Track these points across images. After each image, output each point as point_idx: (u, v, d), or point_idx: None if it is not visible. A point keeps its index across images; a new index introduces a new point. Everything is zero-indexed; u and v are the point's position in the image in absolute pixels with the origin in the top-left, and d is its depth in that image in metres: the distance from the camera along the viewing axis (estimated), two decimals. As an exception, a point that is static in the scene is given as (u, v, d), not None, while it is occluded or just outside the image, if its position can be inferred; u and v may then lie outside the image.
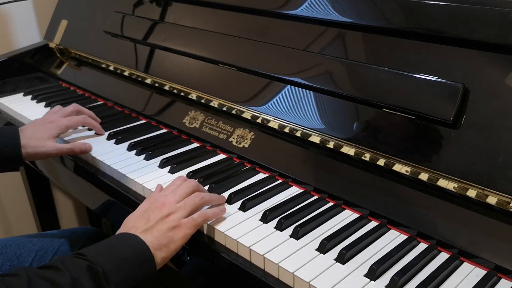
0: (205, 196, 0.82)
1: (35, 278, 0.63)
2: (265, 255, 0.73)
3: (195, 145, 1.08)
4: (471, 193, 0.72)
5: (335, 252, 0.73)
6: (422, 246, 0.75)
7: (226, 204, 0.86)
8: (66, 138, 1.13)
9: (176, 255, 0.90)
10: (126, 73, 1.31)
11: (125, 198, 0.96)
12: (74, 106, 1.13)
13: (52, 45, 1.53)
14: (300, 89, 0.95)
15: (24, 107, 1.33)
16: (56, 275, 0.64)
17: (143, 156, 1.03)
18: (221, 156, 1.03)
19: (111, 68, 1.36)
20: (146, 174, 0.96)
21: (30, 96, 1.40)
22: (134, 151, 1.06)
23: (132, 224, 0.76)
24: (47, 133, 1.03)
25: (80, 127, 1.16)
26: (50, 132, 1.03)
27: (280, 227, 0.79)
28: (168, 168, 0.98)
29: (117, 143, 1.10)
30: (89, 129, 1.16)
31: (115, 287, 0.66)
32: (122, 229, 0.76)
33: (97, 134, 1.14)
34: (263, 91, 1.01)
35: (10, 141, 0.97)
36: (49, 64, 1.56)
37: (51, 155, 1.03)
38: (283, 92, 0.97)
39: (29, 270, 0.64)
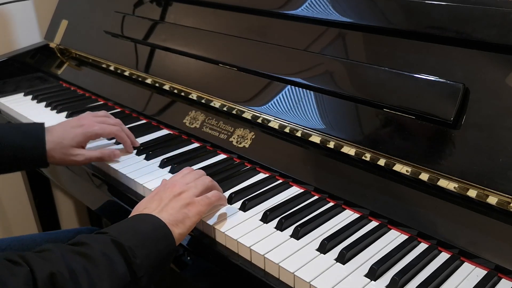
0: (214, 181, 0.83)
1: (67, 253, 0.63)
2: (265, 255, 0.73)
3: (196, 145, 1.08)
4: (472, 193, 0.72)
5: (335, 252, 0.73)
6: (422, 246, 0.75)
7: (227, 204, 0.86)
8: None
9: (176, 255, 0.91)
10: (126, 73, 1.31)
11: (125, 198, 0.96)
12: (104, 113, 1.07)
13: (52, 45, 1.54)
14: (300, 89, 0.95)
15: (24, 107, 1.33)
16: (86, 249, 0.63)
17: (143, 156, 1.03)
18: (222, 156, 1.03)
19: (112, 68, 1.36)
20: (146, 174, 0.96)
21: (30, 96, 1.40)
22: (135, 151, 1.06)
23: (144, 206, 0.76)
24: (75, 140, 0.97)
25: None
26: (78, 139, 0.98)
27: (280, 227, 0.79)
28: (168, 168, 0.98)
29: (117, 143, 1.10)
30: None
31: (141, 262, 0.65)
32: (134, 213, 0.76)
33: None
34: (264, 91, 1.01)
35: (35, 143, 0.94)
36: (50, 64, 1.57)
37: (80, 164, 1.01)
38: (283, 92, 0.97)
39: (59, 246, 0.64)
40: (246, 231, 0.78)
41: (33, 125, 0.99)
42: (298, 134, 0.93)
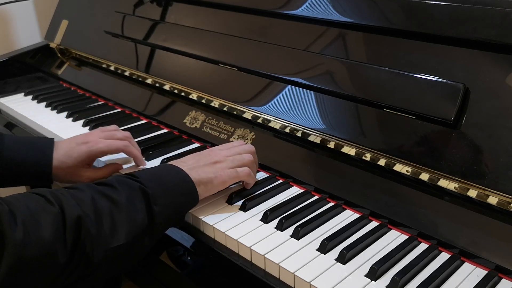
0: (254, 161, 0.89)
1: (96, 194, 0.68)
2: (265, 255, 0.73)
3: (196, 145, 1.08)
4: (472, 193, 0.72)
5: (335, 252, 0.73)
6: (423, 246, 0.75)
7: (227, 204, 0.86)
8: None
9: (176, 255, 0.91)
10: (126, 73, 1.31)
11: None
12: (114, 127, 1.02)
13: (52, 45, 1.54)
14: (300, 89, 0.95)
15: (25, 107, 1.33)
16: (114, 193, 0.70)
17: (144, 156, 1.03)
18: (222, 156, 1.03)
19: (112, 68, 1.36)
20: (146, 174, 0.96)
21: (30, 96, 1.40)
22: (135, 151, 1.05)
23: (183, 160, 0.84)
24: (79, 160, 0.92)
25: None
26: (82, 159, 0.93)
27: (280, 227, 0.79)
28: (168, 168, 0.98)
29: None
30: None
31: (159, 210, 0.72)
32: (172, 163, 0.83)
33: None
34: (264, 91, 1.01)
35: (42, 159, 0.91)
36: (50, 64, 1.57)
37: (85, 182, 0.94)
38: (283, 92, 0.97)
39: (90, 186, 0.70)
40: (246, 231, 0.78)
41: (43, 140, 0.96)
42: (299, 134, 0.93)
